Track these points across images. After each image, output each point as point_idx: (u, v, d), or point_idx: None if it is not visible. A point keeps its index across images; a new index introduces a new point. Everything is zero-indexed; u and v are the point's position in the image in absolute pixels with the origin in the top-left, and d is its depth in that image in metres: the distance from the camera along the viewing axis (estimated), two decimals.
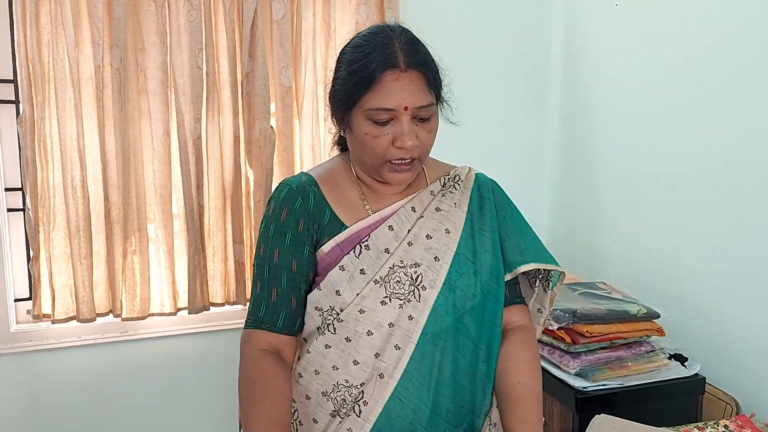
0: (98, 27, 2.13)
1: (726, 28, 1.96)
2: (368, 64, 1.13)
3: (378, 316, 1.20)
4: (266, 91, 2.30)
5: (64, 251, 2.22)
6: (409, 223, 1.25)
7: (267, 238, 1.24)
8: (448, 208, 1.28)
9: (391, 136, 1.15)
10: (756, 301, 1.91)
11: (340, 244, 1.23)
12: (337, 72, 1.22)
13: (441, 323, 1.22)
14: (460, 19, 2.59)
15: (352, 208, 1.25)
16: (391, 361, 1.20)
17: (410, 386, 1.20)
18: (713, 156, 2.02)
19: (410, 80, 1.13)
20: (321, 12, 2.37)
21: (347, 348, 1.21)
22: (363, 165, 1.24)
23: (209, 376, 2.50)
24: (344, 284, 1.21)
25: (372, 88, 1.13)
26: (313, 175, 1.28)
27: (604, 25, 2.46)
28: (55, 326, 2.30)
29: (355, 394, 1.21)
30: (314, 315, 1.24)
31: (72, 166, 2.17)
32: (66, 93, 2.14)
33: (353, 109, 1.16)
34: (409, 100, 1.13)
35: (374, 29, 1.20)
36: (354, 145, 1.22)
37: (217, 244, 2.37)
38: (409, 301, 1.21)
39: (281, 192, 1.26)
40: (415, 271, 1.22)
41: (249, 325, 1.24)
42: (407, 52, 1.14)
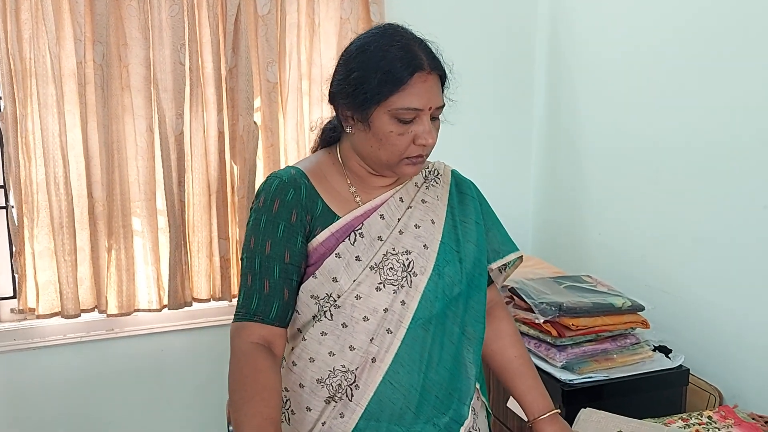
0: (80, 23, 2.11)
1: (708, 20, 1.98)
2: (396, 66, 1.18)
3: (373, 302, 1.24)
4: (250, 86, 2.29)
5: (47, 247, 2.21)
6: (399, 212, 1.30)
7: (258, 230, 1.24)
8: (431, 200, 1.34)
9: (413, 134, 1.20)
10: (738, 293, 1.93)
11: (335, 234, 1.25)
12: (351, 72, 1.22)
13: (431, 308, 1.27)
14: (445, 15, 2.59)
15: (343, 199, 1.29)
16: (383, 345, 1.23)
17: (401, 370, 1.24)
18: (696, 149, 2.04)
19: (434, 82, 1.21)
20: (305, 7, 2.36)
21: (343, 334, 1.23)
22: (373, 161, 1.26)
23: (196, 373, 2.50)
24: (341, 271, 1.24)
25: (402, 88, 1.17)
26: (301, 168, 1.30)
27: (589, 20, 2.47)
28: (41, 324, 2.29)
29: (350, 379, 1.23)
30: (310, 303, 1.25)
31: (55, 163, 2.15)
32: (48, 89, 2.12)
33: (377, 108, 1.19)
34: (433, 100, 1.21)
35: (389, 31, 1.24)
36: (369, 142, 1.23)
37: (202, 240, 2.36)
38: (402, 287, 1.25)
39: (272, 184, 1.27)
40: (407, 258, 1.26)
41: (240, 317, 1.23)
42: (429, 56, 1.22)
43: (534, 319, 1.89)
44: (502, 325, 1.43)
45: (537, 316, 1.88)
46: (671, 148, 2.13)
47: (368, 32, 1.26)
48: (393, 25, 1.26)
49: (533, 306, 1.89)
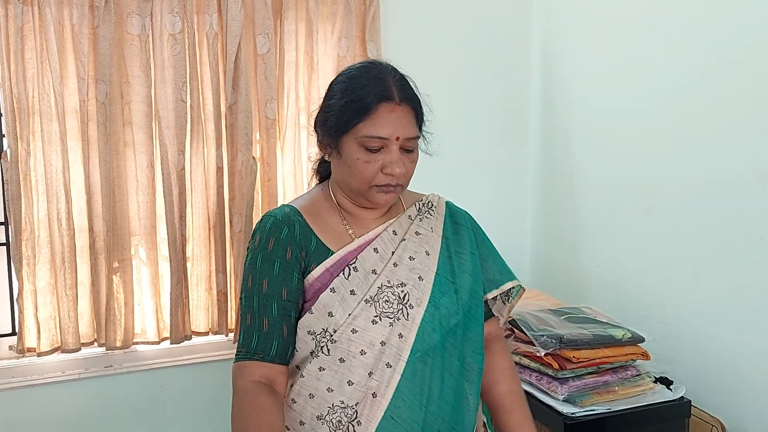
0: (83, 61, 2.15)
1: (701, 54, 2.02)
2: (366, 95, 1.22)
3: (370, 335, 1.24)
4: (249, 123, 2.33)
5: (48, 283, 2.21)
6: (393, 245, 1.31)
7: (255, 269, 1.26)
8: (425, 232, 1.36)
9: (381, 163, 1.23)
10: (737, 324, 1.93)
11: (329, 269, 1.27)
12: (328, 100, 1.29)
13: (429, 341, 1.27)
14: (441, 52, 2.64)
15: (336, 235, 1.30)
16: (383, 379, 1.23)
17: (402, 405, 1.23)
18: (693, 181, 2.06)
19: (403, 113, 1.23)
20: (304, 45, 2.41)
21: (341, 369, 1.23)
22: (348, 189, 1.29)
23: (195, 409, 2.47)
24: (336, 305, 1.24)
25: (368, 116, 1.21)
26: (295, 206, 1.33)
27: (583, 53, 2.52)
28: (39, 361, 2.28)
29: (350, 415, 1.22)
30: (307, 339, 1.26)
31: (57, 198, 2.17)
32: (51, 126, 2.15)
33: (346, 135, 1.23)
34: (401, 131, 1.22)
35: (367, 64, 1.30)
36: (341, 169, 1.27)
37: (201, 274, 2.37)
38: (398, 320, 1.26)
39: (266, 223, 1.29)
40: (402, 290, 1.27)
41: (241, 357, 1.24)
42: (401, 88, 1.25)
43: (535, 352, 1.89)
44: (497, 359, 1.41)
45: (538, 348, 1.87)
46: (668, 180, 2.15)
47: (349, 66, 1.32)
48: (376, 60, 1.33)
49: (534, 338, 1.89)
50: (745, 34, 1.87)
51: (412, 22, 2.60)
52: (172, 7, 2.21)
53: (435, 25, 2.63)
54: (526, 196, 2.82)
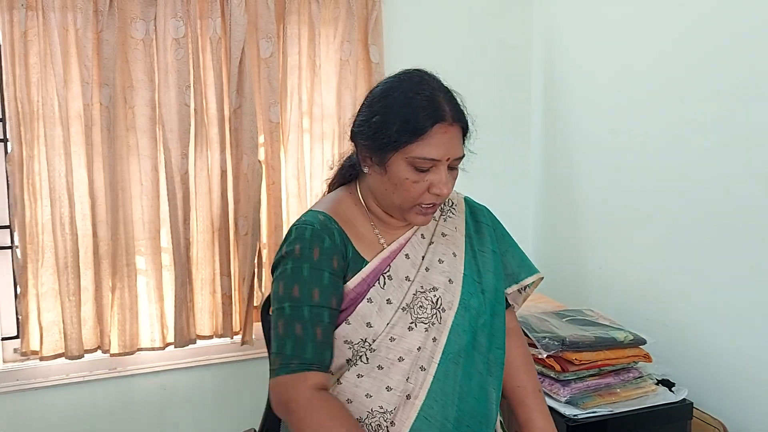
0: (87, 66, 2.16)
1: (701, 58, 2.03)
2: (420, 115, 1.19)
3: (407, 342, 1.25)
4: (254, 126, 2.34)
5: (52, 288, 2.22)
6: (422, 249, 1.33)
7: (301, 279, 1.22)
8: (450, 233, 1.36)
9: (428, 183, 1.22)
10: (739, 325, 1.94)
11: (365, 278, 1.27)
12: (374, 114, 1.25)
13: (459, 342, 1.29)
14: (443, 56, 2.64)
15: (369, 242, 1.30)
16: (417, 382, 1.25)
17: (435, 405, 1.26)
18: (695, 184, 2.07)
19: (455, 133, 1.22)
20: (306, 49, 2.42)
21: (380, 375, 1.25)
22: (387, 203, 1.28)
23: (199, 411, 2.48)
24: (374, 315, 1.25)
25: (422, 138, 1.19)
26: (327, 213, 1.30)
27: (582, 59, 2.53)
28: (43, 364, 2.28)
29: (389, 419, 1.24)
30: (343, 348, 1.26)
31: (61, 203, 2.17)
32: (55, 131, 2.16)
33: (395, 154, 1.21)
34: (452, 151, 1.22)
35: (416, 78, 1.25)
36: (384, 185, 1.25)
37: (205, 277, 2.38)
38: (433, 324, 1.27)
39: (304, 232, 1.25)
40: (435, 295, 1.28)
41: (294, 368, 1.18)
42: (453, 107, 1.23)
43: (537, 354, 1.90)
44: (511, 354, 1.43)
45: (540, 351, 1.88)
46: (669, 183, 2.16)
47: (395, 76, 1.28)
48: (421, 71, 1.28)
49: (536, 340, 1.90)
50: (746, 37, 1.88)
51: (413, 25, 2.61)
52: (175, 12, 2.22)
53: (437, 28, 2.64)
54: (527, 200, 2.83)
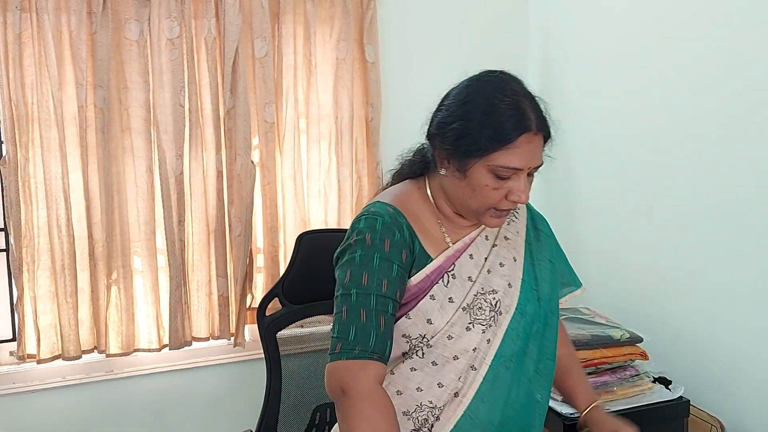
0: (81, 68, 2.16)
1: (699, 56, 2.03)
2: (506, 124, 1.18)
3: (464, 342, 1.26)
4: (247, 127, 2.33)
5: (48, 290, 2.21)
6: (485, 251, 1.32)
7: (371, 268, 1.21)
8: (513, 237, 1.36)
9: (507, 190, 1.22)
10: (736, 322, 1.94)
11: (429, 276, 1.27)
12: (454, 119, 1.23)
13: (512, 347, 1.29)
14: (438, 55, 2.64)
15: (434, 239, 1.30)
16: (467, 381, 1.26)
17: (481, 406, 1.26)
18: (690, 181, 2.07)
19: (538, 142, 1.22)
20: (302, 49, 2.42)
21: (433, 371, 1.26)
22: (461, 206, 1.27)
23: (196, 413, 2.48)
24: (435, 313, 1.25)
25: (507, 147, 1.18)
26: (396, 206, 1.29)
27: (579, 58, 2.53)
28: (40, 367, 2.28)
29: (436, 414, 1.26)
30: (401, 342, 1.27)
31: (57, 205, 2.17)
32: (50, 133, 2.16)
33: (478, 161, 1.20)
34: (534, 161, 1.22)
35: (498, 82, 1.23)
36: (461, 189, 1.24)
37: (201, 279, 2.37)
38: (490, 326, 1.27)
39: (374, 223, 1.24)
40: (494, 297, 1.28)
41: (357, 355, 1.16)
42: (537, 116, 1.21)
43: None
44: None
45: None
46: (666, 181, 2.16)
47: (477, 78, 1.26)
48: (504, 74, 1.26)
49: None
50: (744, 35, 1.88)
51: (409, 24, 2.60)
52: (169, 12, 2.22)
53: (432, 27, 2.64)
54: None
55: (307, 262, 2.14)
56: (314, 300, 2.12)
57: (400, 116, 2.59)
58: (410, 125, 2.56)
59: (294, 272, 2.13)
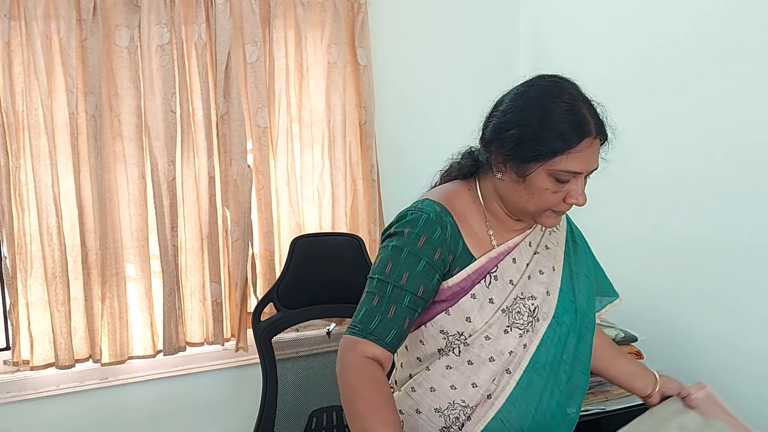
0: (72, 75, 2.15)
1: (687, 51, 2.04)
2: (568, 130, 1.19)
3: (501, 344, 1.27)
4: (242, 131, 2.33)
5: (41, 298, 2.20)
6: (527, 257, 1.34)
7: (398, 260, 1.24)
8: (553, 247, 1.37)
9: (565, 193, 1.24)
10: (729, 321, 1.95)
11: (471, 275, 1.29)
12: (512, 125, 1.23)
13: (547, 354, 1.30)
14: (430, 57, 2.64)
15: (480, 241, 1.32)
16: (501, 384, 1.28)
17: (513, 410, 1.27)
18: (682, 180, 2.08)
19: (597, 146, 1.24)
20: (293, 53, 2.42)
21: (468, 371, 1.27)
22: (515, 208, 1.29)
23: (192, 419, 2.47)
24: (475, 312, 1.27)
25: (569, 152, 1.20)
26: (444, 205, 1.30)
27: (569, 58, 2.54)
28: (34, 375, 2.27)
29: (467, 413, 1.27)
30: (438, 337, 1.29)
31: (48, 213, 2.16)
32: (40, 140, 2.15)
33: (539, 165, 1.21)
34: (592, 164, 1.25)
35: (554, 88, 1.24)
36: (518, 193, 1.26)
37: (195, 285, 2.37)
38: (527, 331, 1.29)
39: (418, 219, 1.27)
40: (533, 303, 1.30)
41: (356, 332, 1.23)
42: (596, 120, 1.23)
43: None
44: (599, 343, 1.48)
45: None
46: (659, 180, 2.17)
47: (534, 84, 1.26)
48: (560, 81, 1.26)
49: None
50: (733, 29, 1.89)
51: (400, 27, 2.61)
52: (159, 19, 2.21)
53: (423, 29, 2.64)
54: None
55: (302, 267, 2.14)
56: (309, 304, 2.13)
57: (393, 119, 2.59)
58: (404, 127, 2.60)
59: (288, 277, 2.13)
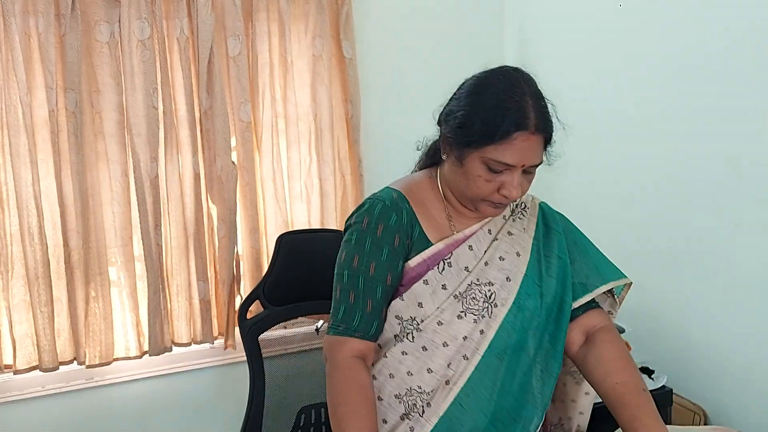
0: (51, 71, 2.11)
1: (673, 46, 2.04)
2: (503, 120, 1.19)
3: (454, 329, 1.28)
4: (226, 127, 2.30)
5: (23, 299, 2.17)
6: (486, 244, 1.34)
7: (363, 251, 1.28)
8: (518, 233, 1.37)
9: (499, 183, 1.23)
10: (716, 311, 1.96)
11: (426, 260, 1.30)
12: (460, 109, 1.25)
13: (507, 339, 1.30)
14: (415, 49, 2.63)
15: (438, 226, 1.33)
16: (458, 369, 1.28)
17: (472, 394, 1.27)
18: (667, 170, 2.08)
19: (535, 142, 1.22)
20: (277, 47, 2.39)
21: (423, 356, 1.28)
22: (459, 194, 1.31)
23: (179, 419, 2.45)
24: (427, 297, 1.29)
25: (501, 142, 1.19)
26: (402, 192, 1.33)
27: (555, 50, 2.53)
28: (18, 377, 2.24)
29: (426, 400, 1.28)
30: (393, 323, 1.30)
31: (29, 213, 2.13)
32: (20, 138, 2.11)
33: (473, 151, 1.22)
34: (528, 159, 1.22)
35: (509, 78, 1.25)
36: (458, 177, 1.28)
37: (181, 283, 2.34)
38: (483, 317, 1.29)
39: (375, 208, 1.30)
40: (489, 290, 1.30)
41: (341, 332, 1.27)
42: (540, 116, 1.22)
43: None
44: (604, 351, 1.33)
45: None
46: (643, 170, 2.17)
47: (491, 72, 1.27)
48: (518, 72, 1.27)
49: None
50: (716, 24, 1.89)
51: (385, 19, 2.58)
52: (140, 13, 2.18)
53: (408, 21, 2.62)
54: None
55: (288, 264, 2.12)
56: (296, 301, 2.10)
57: (380, 112, 2.57)
58: (390, 121, 2.58)
59: (275, 274, 2.11)
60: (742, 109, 1.83)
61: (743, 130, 1.84)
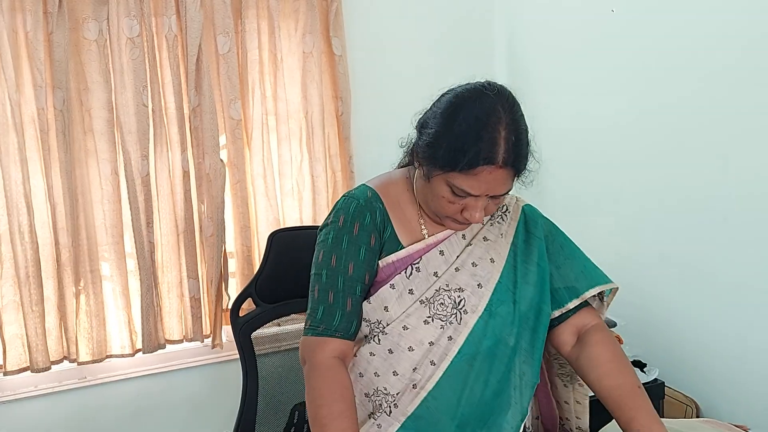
0: (39, 69, 2.10)
1: (663, 45, 2.04)
2: (470, 150, 1.14)
3: (420, 334, 1.26)
4: (214, 125, 2.30)
5: (13, 300, 2.16)
6: (459, 249, 1.31)
7: (340, 250, 1.27)
8: (494, 238, 1.34)
9: (463, 206, 1.22)
10: (706, 304, 1.97)
11: (395, 263, 1.29)
12: (434, 126, 1.21)
13: (478, 346, 1.28)
14: (404, 46, 2.62)
15: (410, 229, 1.31)
16: (425, 374, 1.26)
17: (440, 398, 1.26)
18: (657, 165, 2.09)
19: (502, 175, 1.18)
20: (267, 44, 2.38)
21: (389, 359, 1.27)
22: (425, 204, 1.29)
23: (172, 417, 2.45)
24: (393, 301, 1.27)
25: (466, 173, 1.16)
26: (376, 191, 1.32)
27: (545, 50, 2.54)
28: (10, 377, 2.23)
29: (392, 401, 1.27)
30: (362, 324, 1.30)
31: (18, 212, 2.11)
32: (8, 137, 2.10)
33: (439, 172, 1.19)
34: (492, 190, 1.19)
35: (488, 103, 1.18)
36: (425, 189, 1.26)
37: (172, 281, 2.34)
38: (450, 323, 1.27)
39: (349, 206, 1.29)
40: (459, 296, 1.28)
41: (320, 332, 1.25)
42: (511, 149, 1.16)
43: None
44: (597, 352, 1.30)
45: None
46: (634, 165, 2.18)
47: (472, 92, 1.21)
48: (498, 98, 1.19)
49: None
50: (708, 24, 1.89)
51: (374, 15, 2.58)
52: (128, 11, 2.17)
53: (397, 18, 2.62)
54: None
55: (280, 261, 2.11)
56: (288, 298, 2.10)
57: (370, 109, 2.57)
58: (380, 118, 2.58)
59: (267, 271, 2.10)
60: (731, 111, 1.84)
61: (731, 131, 1.85)
